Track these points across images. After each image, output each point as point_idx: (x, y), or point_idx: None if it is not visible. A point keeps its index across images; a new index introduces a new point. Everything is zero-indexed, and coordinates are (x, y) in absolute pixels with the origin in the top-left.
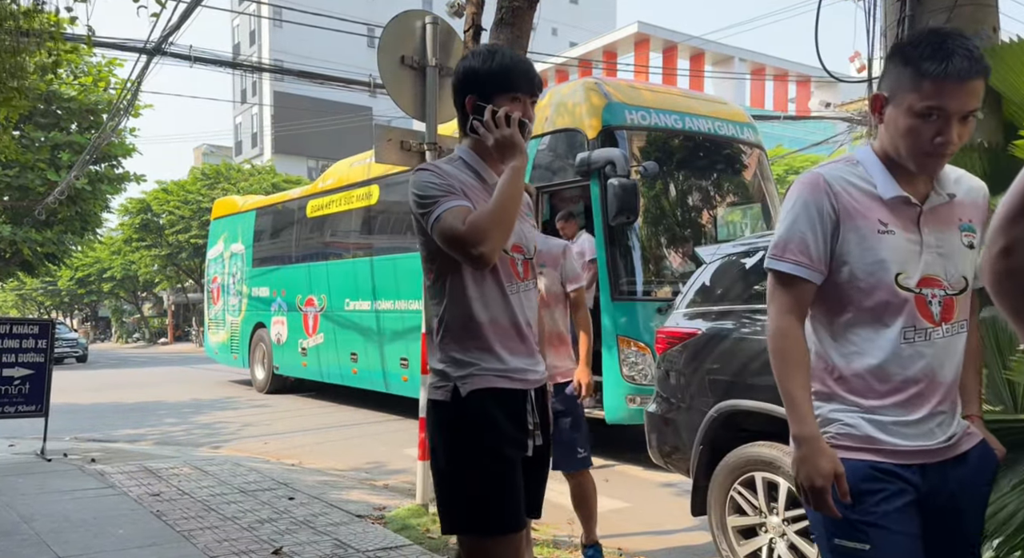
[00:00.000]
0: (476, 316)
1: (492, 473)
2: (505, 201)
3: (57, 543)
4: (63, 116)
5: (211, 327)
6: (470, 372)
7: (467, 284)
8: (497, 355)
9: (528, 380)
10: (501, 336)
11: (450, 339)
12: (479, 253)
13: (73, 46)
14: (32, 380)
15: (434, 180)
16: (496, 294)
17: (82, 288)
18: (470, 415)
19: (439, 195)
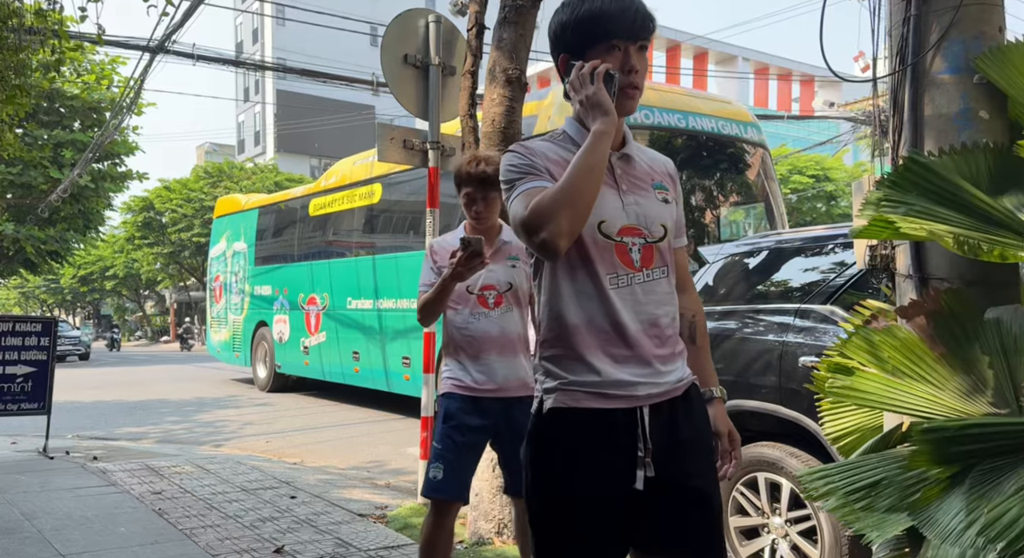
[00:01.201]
0: (565, 317)
1: (558, 517)
2: (578, 175)
3: (59, 541)
4: (66, 114)
5: (213, 325)
6: (556, 385)
7: (557, 278)
8: (589, 365)
9: (637, 396)
10: (599, 341)
11: (544, 343)
12: (540, 240)
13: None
14: (34, 378)
15: (514, 162)
16: (591, 289)
17: (84, 286)
18: (546, 439)
19: (516, 178)
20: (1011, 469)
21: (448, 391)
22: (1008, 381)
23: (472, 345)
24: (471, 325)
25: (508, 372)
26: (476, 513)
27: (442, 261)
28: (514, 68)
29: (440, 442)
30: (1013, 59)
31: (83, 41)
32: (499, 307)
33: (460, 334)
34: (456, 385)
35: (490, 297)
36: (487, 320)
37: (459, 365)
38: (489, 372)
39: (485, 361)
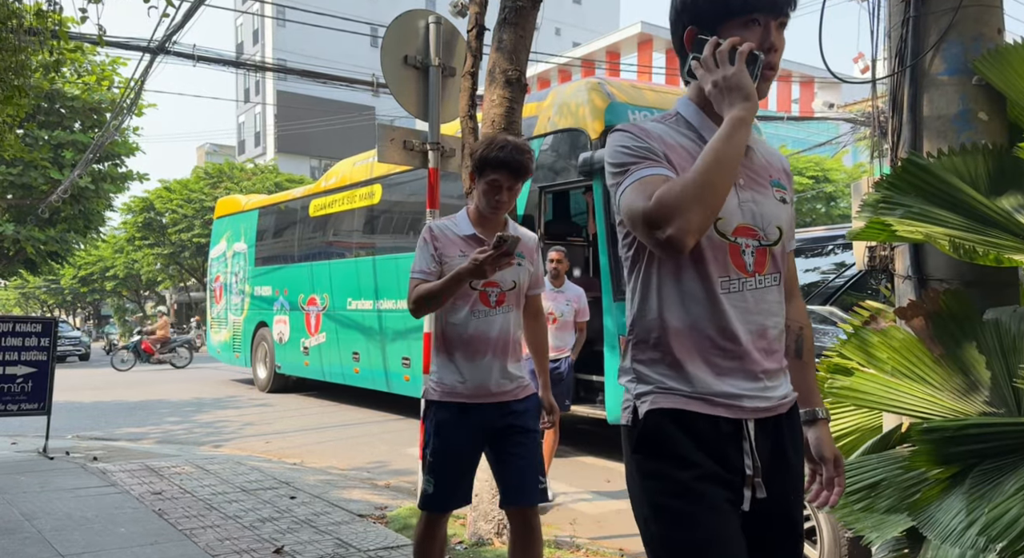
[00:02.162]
0: (667, 321)
1: (684, 517)
2: (712, 168)
3: (59, 541)
4: (66, 115)
5: (214, 326)
6: (651, 389)
7: (659, 276)
8: (688, 376)
9: (743, 407)
10: (701, 349)
11: (638, 347)
12: (664, 237)
13: (77, 45)
14: (34, 378)
15: (628, 143)
16: (699, 292)
17: (85, 286)
18: (649, 438)
19: (631, 162)
20: (1011, 469)
21: (438, 400)
22: (1007, 381)
23: (469, 345)
24: (470, 324)
25: (503, 376)
26: (476, 514)
27: (444, 249)
28: (514, 69)
29: (432, 455)
30: (1012, 61)
31: (84, 42)
32: (501, 306)
33: (456, 333)
34: (447, 393)
35: (493, 295)
36: (487, 319)
37: (452, 368)
38: (484, 375)
39: (480, 363)
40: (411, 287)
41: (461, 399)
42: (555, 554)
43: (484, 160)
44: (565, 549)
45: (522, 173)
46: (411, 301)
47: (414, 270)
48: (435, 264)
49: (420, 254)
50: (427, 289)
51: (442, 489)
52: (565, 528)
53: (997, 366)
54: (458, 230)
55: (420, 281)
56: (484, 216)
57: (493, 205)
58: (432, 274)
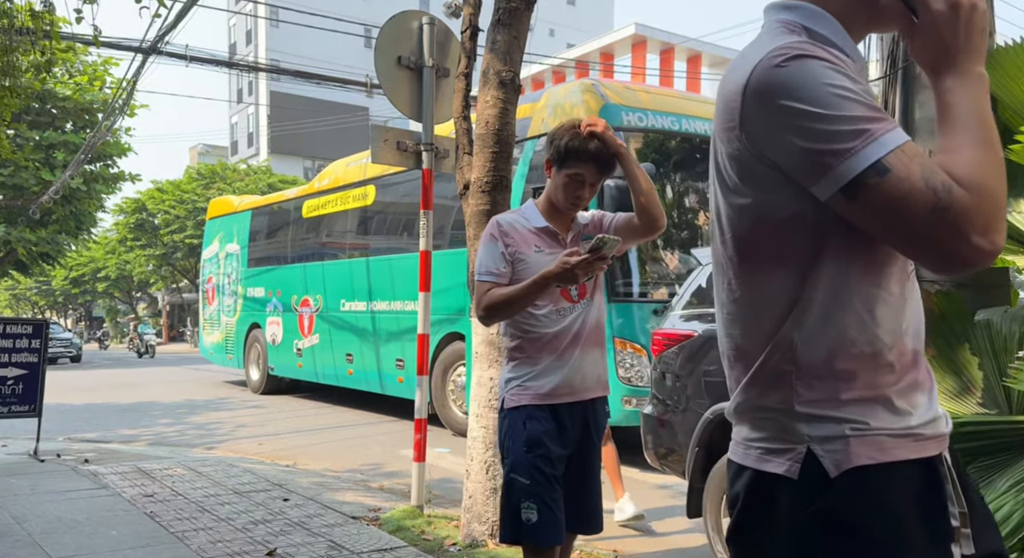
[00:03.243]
0: (873, 339)
1: None
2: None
3: (50, 544)
4: (58, 115)
5: (206, 327)
6: (844, 433)
7: (856, 284)
8: (895, 408)
9: (944, 435)
10: (905, 369)
11: (808, 375)
12: (985, 248)
13: (69, 45)
14: (25, 380)
15: (846, 83)
16: (898, 298)
17: (76, 288)
18: (853, 519)
19: (868, 116)
20: (1003, 467)
21: (525, 404)
22: (998, 381)
23: (554, 343)
24: (552, 323)
25: (590, 369)
26: (470, 515)
27: (517, 246)
28: (508, 70)
29: (527, 475)
30: (1002, 63)
31: (78, 42)
32: (583, 299)
33: (540, 333)
34: (536, 394)
35: (573, 289)
36: (571, 314)
37: (537, 369)
38: (572, 372)
39: (569, 360)
40: (480, 292)
41: (550, 401)
42: None
43: (568, 151)
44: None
45: (610, 169)
46: (482, 307)
47: (481, 271)
48: (506, 264)
49: (487, 253)
50: (504, 296)
51: (547, 514)
52: None
53: (989, 366)
54: (529, 223)
55: (491, 285)
56: (556, 209)
57: (572, 201)
58: (503, 275)
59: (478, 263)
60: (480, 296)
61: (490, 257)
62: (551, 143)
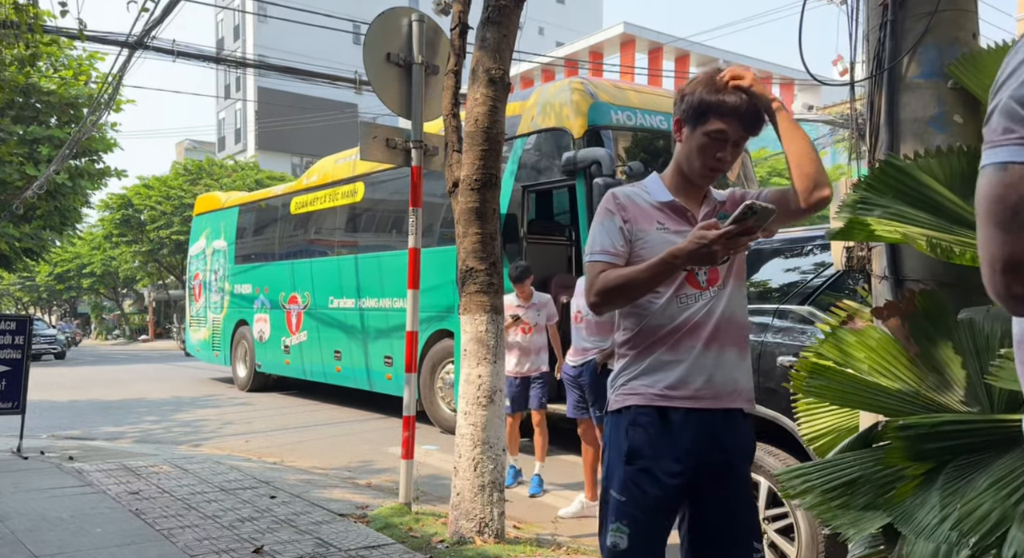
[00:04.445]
0: None
1: None
2: None
3: (33, 542)
4: (42, 110)
5: (193, 324)
6: None
7: None
8: None
9: None
10: None
11: None
12: None
13: (53, 38)
14: (9, 377)
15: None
16: None
17: (61, 284)
18: None
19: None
20: (984, 465)
21: (634, 404)
22: (980, 380)
23: (671, 336)
24: (675, 312)
25: (720, 372)
26: (457, 512)
27: (636, 222)
28: (497, 68)
29: (623, 491)
30: (986, 64)
31: (63, 36)
32: (713, 286)
33: (655, 324)
34: (643, 394)
35: (702, 273)
36: (697, 303)
37: (645, 364)
38: (693, 371)
39: (688, 355)
40: (592, 274)
41: (664, 402)
42: (536, 552)
43: (707, 105)
44: (546, 547)
45: (758, 126)
46: (595, 292)
47: (594, 251)
48: (624, 242)
49: (602, 230)
50: (621, 277)
51: (638, 542)
52: (547, 526)
53: (971, 365)
54: (651, 197)
55: (606, 265)
56: (688, 180)
57: (712, 166)
58: (621, 255)
59: (590, 241)
60: (592, 279)
61: (605, 233)
62: (683, 98)
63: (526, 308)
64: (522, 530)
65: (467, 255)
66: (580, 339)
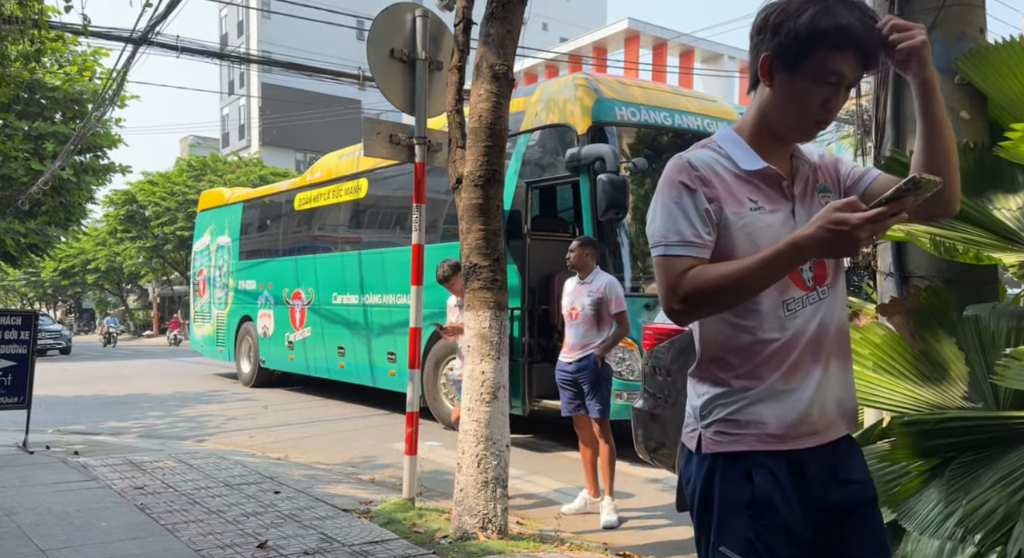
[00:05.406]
0: None
1: None
2: None
3: (39, 536)
4: (47, 105)
5: (197, 320)
6: None
7: None
8: None
9: None
10: None
11: None
12: None
13: (58, 34)
14: (14, 372)
15: None
16: None
17: (66, 279)
18: None
19: None
20: (988, 461)
21: (746, 450)
22: (985, 376)
23: (781, 355)
24: (782, 321)
25: (833, 393)
26: (460, 508)
27: (723, 200)
28: (501, 64)
29: (748, 551)
30: (993, 60)
31: (67, 32)
32: (821, 285)
33: (761, 337)
34: (761, 436)
35: (807, 271)
36: (805, 310)
37: (754, 395)
38: (812, 400)
39: (804, 381)
40: (674, 273)
41: (784, 445)
42: (539, 548)
43: (821, 33)
44: (549, 543)
45: (878, 62)
46: (683, 296)
47: (670, 241)
48: (712, 228)
49: (679, 212)
50: (725, 277)
51: None
52: (550, 522)
53: (976, 362)
54: (735, 164)
55: (693, 261)
56: (777, 139)
57: (819, 118)
58: (708, 247)
59: (660, 229)
60: (674, 279)
61: (683, 217)
62: (778, 27)
63: (456, 306)
64: (525, 526)
65: (471, 251)
66: (575, 336)
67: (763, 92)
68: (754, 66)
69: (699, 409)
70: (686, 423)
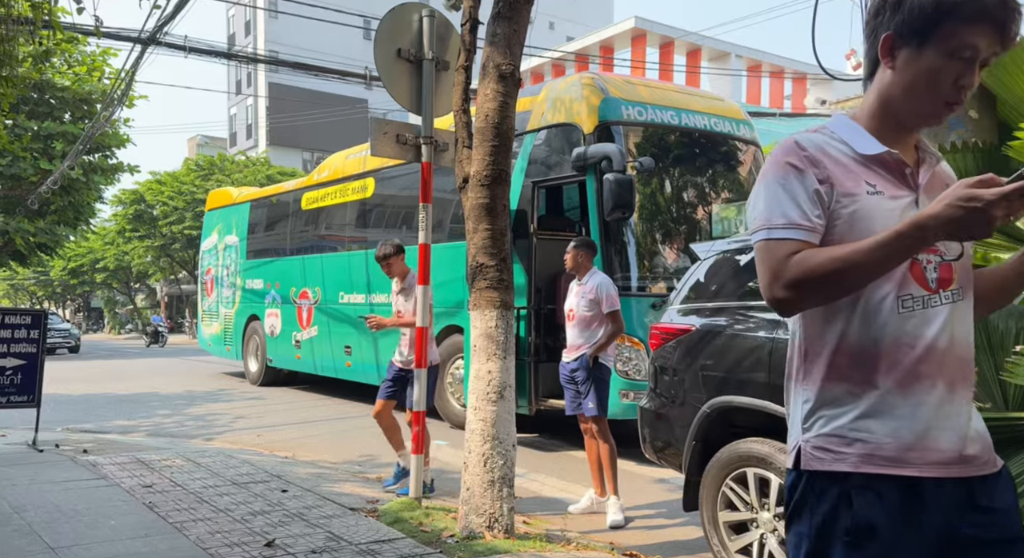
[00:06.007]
0: None
1: None
2: None
3: (49, 534)
4: (57, 105)
5: (205, 319)
6: None
7: None
8: None
9: None
10: None
11: None
12: None
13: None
14: (24, 371)
15: None
16: None
17: (74, 278)
18: None
19: None
20: None
21: (849, 472)
22: (994, 377)
23: (894, 360)
24: (898, 321)
25: (958, 419)
26: (467, 507)
27: (838, 181)
28: (508, 63)
29: None
30: (1003, 60)
31: (77, 32)
32: (946, 289)
33: (869, 339)
34: (873, 455)
35: (931, 268)
36: (925, 312)
37: (874, 409)
38: (930, 420)
39: (923, 396)
40: (778, 256)
41: (905, 470)
42: (546, 548)
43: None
44: (556, 542)
45: (1014, 31)
46: (788, 282)
47: (774, 223)
48: (821, 211)
49: (785, 193)
50: (837, 261)
51: None
52: (556, 522)
53: (985, 362)
54: (851, 147)
55: (800, 245)
56: (899, 124)
57: (950, 99)
58: (815, 230)
59: (764, 212)
60: (778, 264)
61: (789, 199)
62: (899, 4)
63: (398, 293)
64: (531, 525)
65: (477, 251)
66: (573, 336)
67: (884, 76)
68: (872, 50)
69: (802, 420)
70: (788, 439)
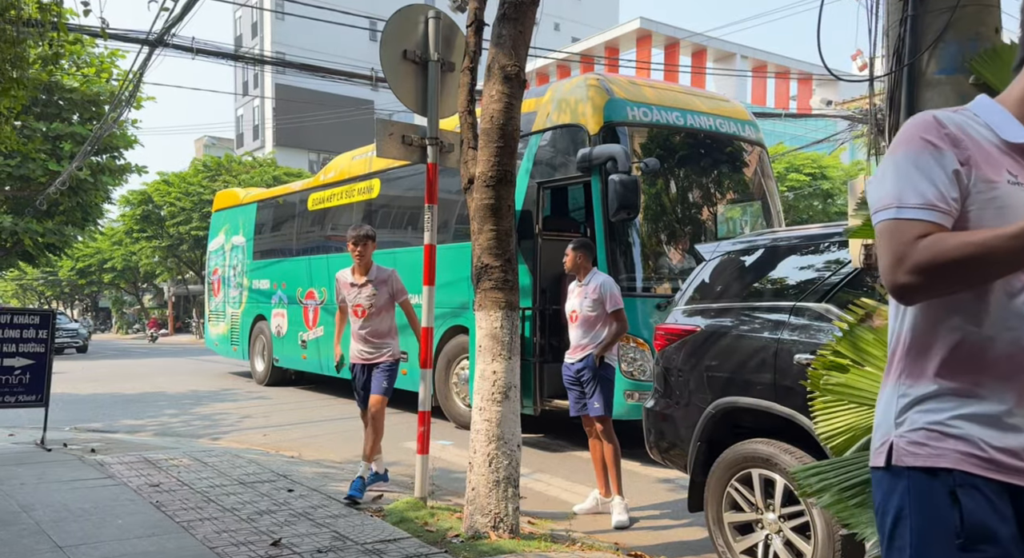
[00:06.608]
0: None
1: None
2: None
3: (57, 533)
4: (65, 107)
5: (211, 319)
6: None
7: None
8: None
9: None
10: None
11: None
12: None
13: (76, 37)
14: (32, 370)
15: None
16: None
17: (83, 279)
18: None
19: None
20: None
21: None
22: None
23: (1008, 364)
24: (1013, 322)
25: None
26: (472, 507)
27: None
28: (513, 65)
29: None
30: (1008, 60)
31: (85, 34)
32: None
33: (981, 334)
34: (980, 455)
35: None
36: None
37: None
38: None
39: None
40: (905, 238)
41: (1012, 477)
42: (551, 548)
43: None
44: (561, 542)
45: None
46: (914, 266)
47: (905, 202)
48: (957, 193)
49: (915, 172)
50: (973, 246)
51: None
52: (561, 522)
53: None
54: (994, 132)
55: (931, 227)
56: None
57: None
58: (950, 213)
59: (892, 190)
60: (905, 246)
61: (924, 177)
62: None
63: (360, 286)
64: (536, 525)
65: (482, 252)
66: (577, 337)
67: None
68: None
69: (895, 414)
70: (874, 437)
